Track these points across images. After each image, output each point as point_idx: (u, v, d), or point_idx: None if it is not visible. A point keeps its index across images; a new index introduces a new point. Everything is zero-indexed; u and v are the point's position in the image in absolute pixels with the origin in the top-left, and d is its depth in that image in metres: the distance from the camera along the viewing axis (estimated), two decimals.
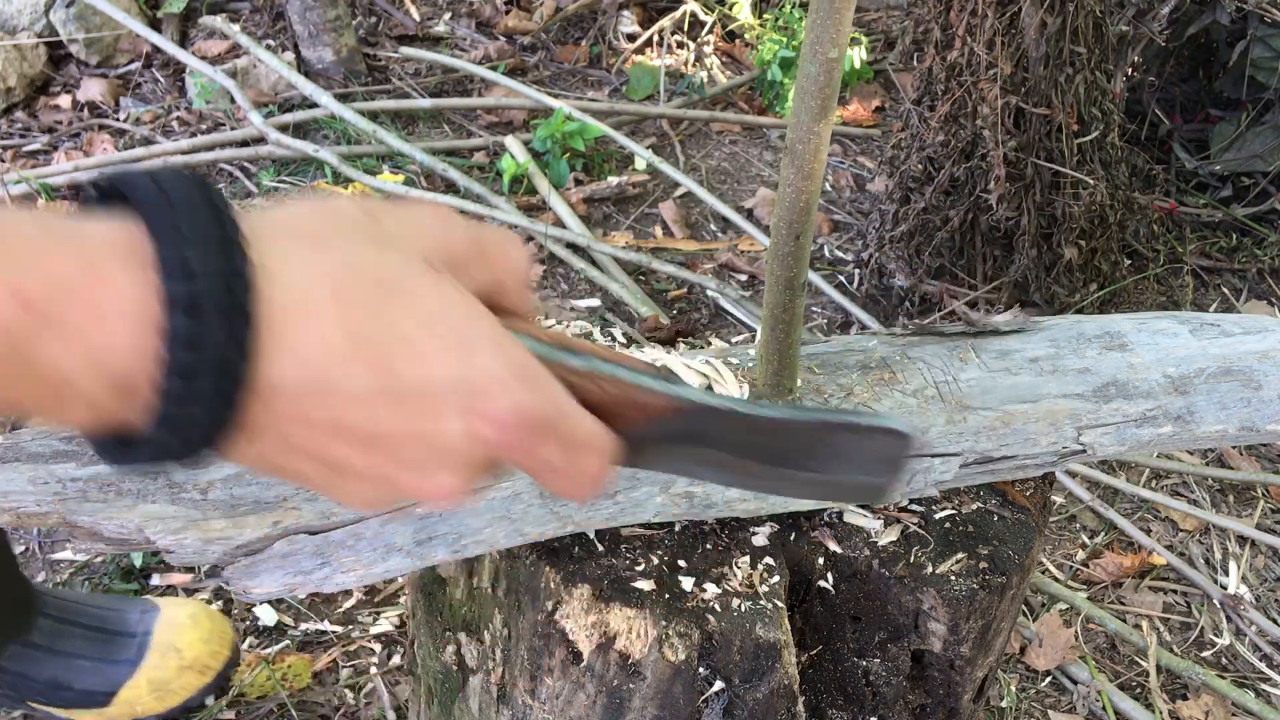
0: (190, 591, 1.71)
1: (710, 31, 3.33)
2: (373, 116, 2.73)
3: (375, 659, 1.63)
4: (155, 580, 1.72)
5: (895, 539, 0.89)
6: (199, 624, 1.50)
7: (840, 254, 2.62)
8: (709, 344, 1.08)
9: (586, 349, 0.58)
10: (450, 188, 2.59)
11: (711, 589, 0.82)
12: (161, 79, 2.91)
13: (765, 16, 3.35)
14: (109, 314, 0.42)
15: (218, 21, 2.94)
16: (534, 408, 0.51)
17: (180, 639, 1.48)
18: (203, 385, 0.43)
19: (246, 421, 0.46)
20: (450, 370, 0.49)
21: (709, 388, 0.93)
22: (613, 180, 2.69)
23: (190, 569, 1.73)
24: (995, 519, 0.92)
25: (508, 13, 3.34)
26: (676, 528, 0.88)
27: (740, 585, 0.83)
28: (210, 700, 1.54)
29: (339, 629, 1.67)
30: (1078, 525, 2.01)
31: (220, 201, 0.45)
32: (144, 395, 0.44)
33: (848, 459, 0.64)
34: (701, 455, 0.62)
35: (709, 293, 2.38)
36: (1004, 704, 1.66)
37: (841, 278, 2.52)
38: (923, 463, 0.91)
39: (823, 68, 0.75)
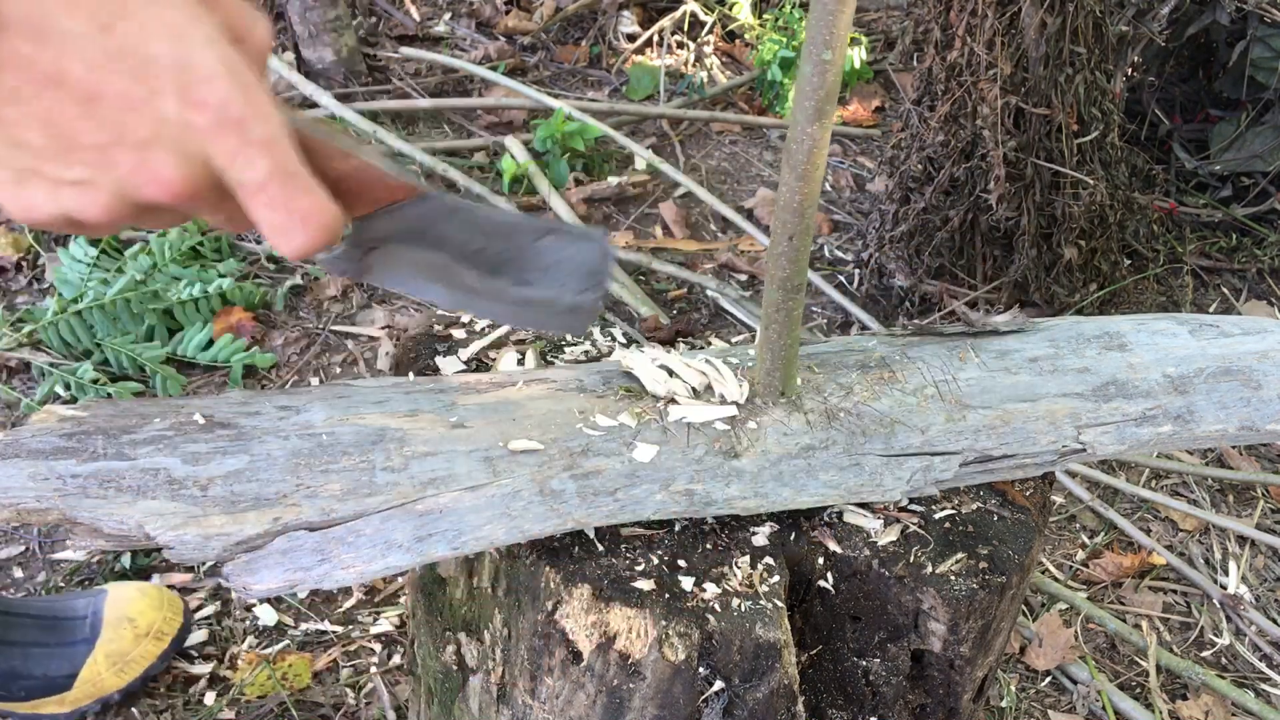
0: (187, 591, 1.71)
1: (710, 31, 3.34)
2: (373, 116, 2.73)
3: (375, 659, 1.63)
4: (155, 580, 1.72)
5: (895, 539, 0.89)
6: (147, 594, 1.53)
7: (840, 254, 2.62)
8: (709, 344, 1.08)
9: (333, 132, 0.60)
10: (450, 187, 2.59)
11: (711, 589, 0.82)
12: None
13: (765, 16, 3.35)
14: None
15: None
16: (245, 109, 0.56)
17: (131, 609, 1.50)
18: None
19: None
20: (170, 49, 0.55)
21: (708, 387, 0.93)
22: (613, 180, 2.69)
23: (190, 568, 1.73)
24: (995, 519, 0.92)
25: (508, 13, 3.34)
26: (676, 527, 0.88)
27: (740, 585, 0.83)
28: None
29: (339, 629, 1.67)
30: (1078, 525, 2.01)
31: None
32: None
33: (557, 271, 0.67)
34: (426, 259, 0.65)
35: (709, 293, 2.38)
36: (1004, 704, 1.66)
37: (841, 278, 2.52)
38: (923, 461, 0.91)
39: (817, 69, 0.75)
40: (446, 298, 0.69)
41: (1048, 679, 1.73)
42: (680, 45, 3.31)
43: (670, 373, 0.93)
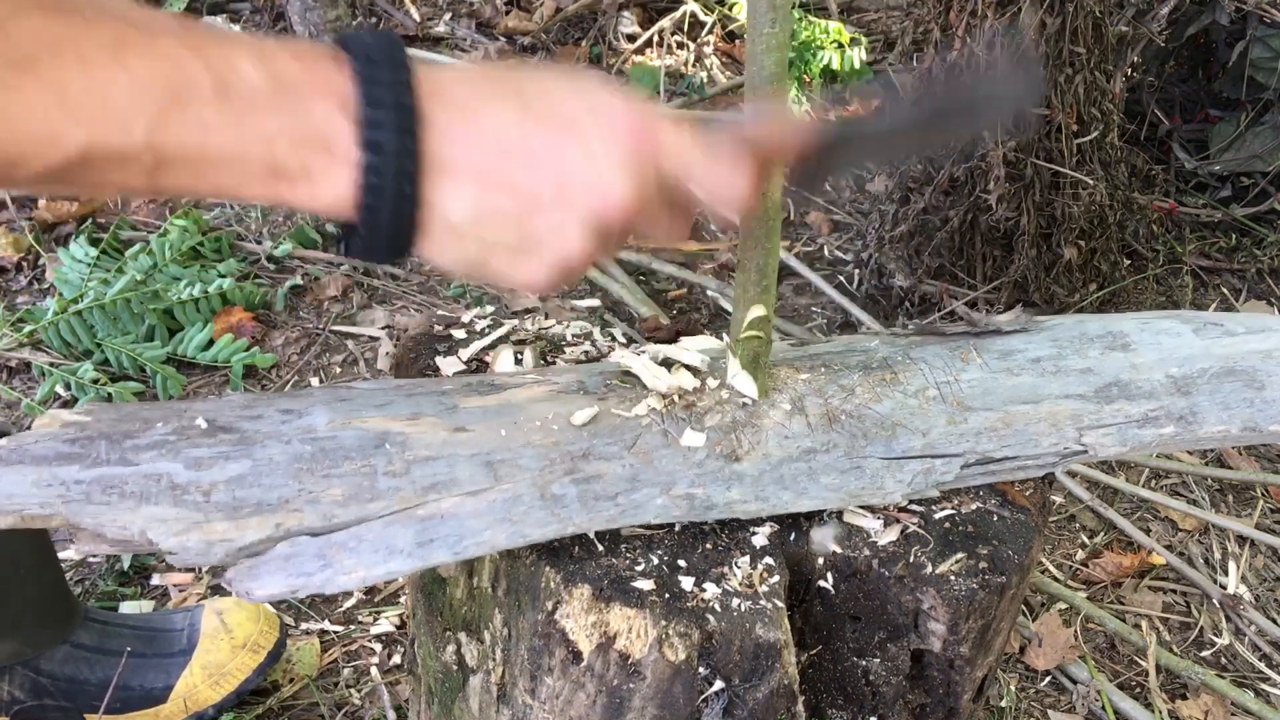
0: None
1: (710, 31, 3.34)
2: None
3: (375, 659, 1.63)
4: (155, 580, 1.72)
5: (895, 539, 0.89)
6: (244, 607, 1.51)
7: (840, 254, 2.62)
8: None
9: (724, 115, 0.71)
10: None
11: (711, 589, 0.82)
12: None
13: None
14: (349, 77, 0.61)
15: (218, 22, 2.94)
16: (648, 113, 0.67)
17: (229, 620, 1.49)
18: (387, 122, 0.61)
19: (434, 160, 0.62)
20: (582, 99, 0.66)
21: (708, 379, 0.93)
22: None
23: (191, 569, 1.73)
24: (995, 519, 0.92)
25: (508, 13, 3.34)
26: (677, 527, 0.88)
27: (740, 585, 0.83)
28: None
29: (339, 629, 1.68)
30: (1077, 525, 2.01)
31: (399, 45, 0.63)
32: (359, 130, 0.61)
33: (990, 102, 0.74)
34: (861, 152, 0.80)
35: (709, 293, 2.38)
36: (1004, 704, 1.66)
37: (841, 278, 2.52)
38: (924, 463, 0.91)
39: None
40: (884, 157, 0.78)
41: (1047, 679, 1.74)
42: (680, 45, 3.31)
43: (669, 368, 0.94)
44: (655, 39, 3.30)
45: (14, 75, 0.53)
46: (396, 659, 1.64)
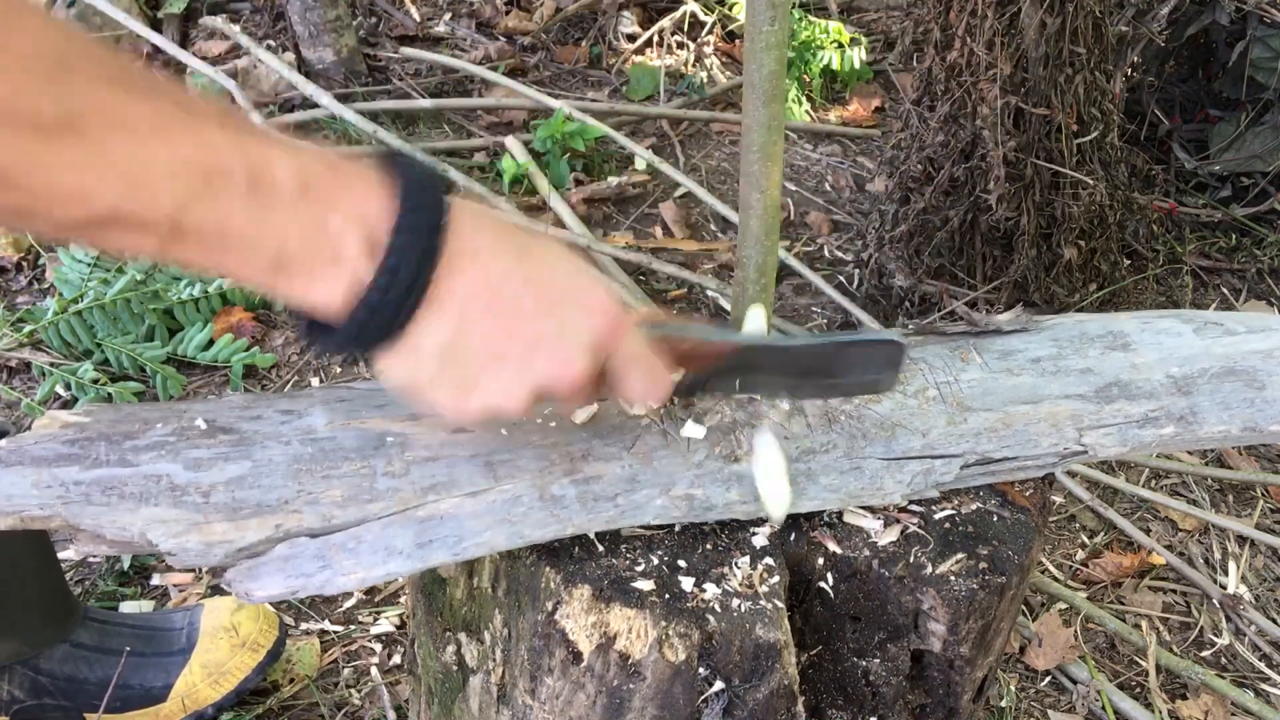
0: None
1: (710, 31, 3.34)
2: (373, 117, 2.73)
3: (375, 659, 1.63)
4: (155, 580, 1.72)
5: (895, 539, 0.89)
6: (244, 606, 1.51)
7: (840, 254, 2.62)
8: None
9: (668, 321, 0.82)
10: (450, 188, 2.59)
11: (711, 589, 0.82)
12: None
13: None
14: (371, 193, 0.66)
15: (218, 22, 2.94)
16: (620, 312, 0.74)
17: (229, 620, 1.49)
18: (411, 254, 0.65)
19: (434, 295, 0.67)
20: (564, 272, 0.73)
21: None
22: (613, 180, 2.69)
23: (190, 569, 1.73)
24: (995, 519, 0.92)
25: (508, 13, 3.34)
26: (676, 528, 0.88)
27: (740, 585, 0.83)
28: None
29: (339, 629, 1.68)
30: (1077, 525, 2.01)
31: (439, 176, 0.70)
32: (378, 251, 0.65)
33: (859, 366, 0.87)
34: (751, 379, 0.87)
35: (709, 293, 2.38)
36: (1004, 704, 1.66)
37: (841, 278, 2.52)
38: (924, 464, 0.91)
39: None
40: (767, 391, 0.92)
41: (1047, 679, 1.74)
42: (680, 45, 3.31)
43: None
44: (655, 39, 3.29)
45: (63, 133, 0.56)
46: (396, 659, 1.64)
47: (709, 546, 0.87)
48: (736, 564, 0.85)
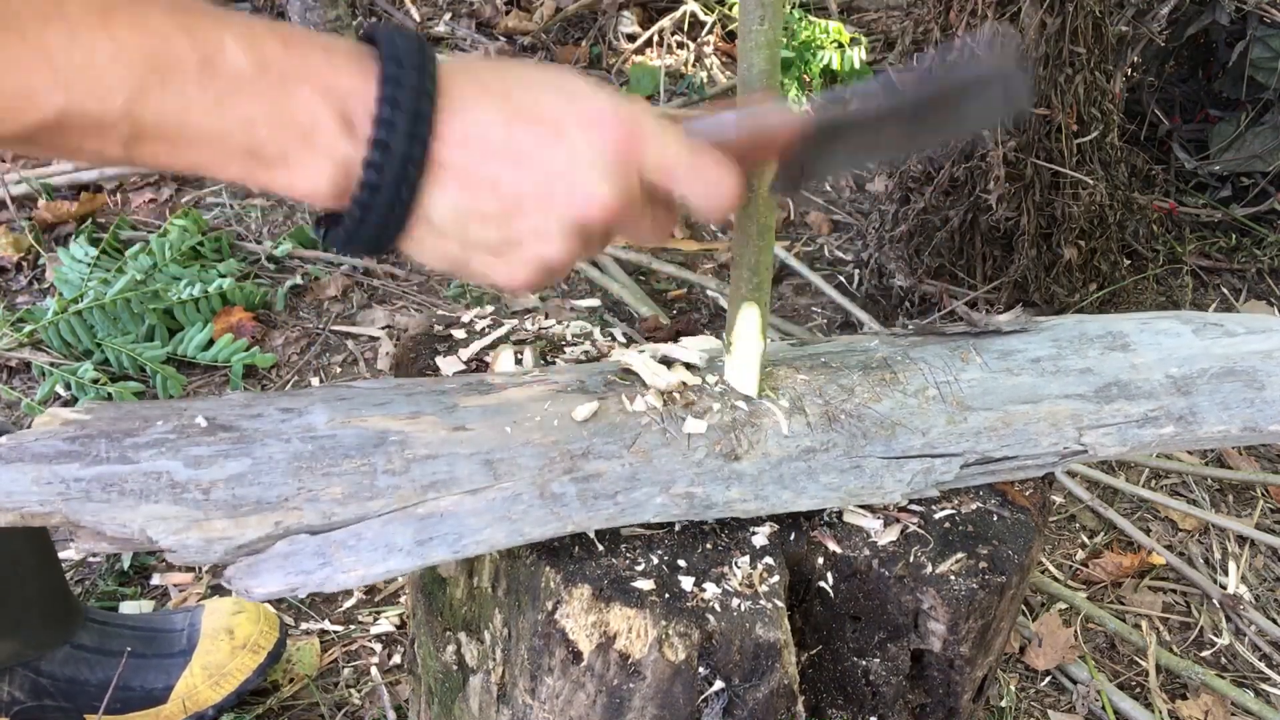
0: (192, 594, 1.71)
1: (710, 31, 3.34)
2: None
3: (375, 659, 1.63)
4: (155, 580, 1.72)
5: (895, 539, 0.89)
6: (244, 608, 1.51)
7: (840, 254, 2.62)
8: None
9: (707, 114, 0.73)
10: None
11: (711, 589, 0.82)
12: None
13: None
14: (342, 68, 0.61)
15: None
16: (632, 114, 0.67)
17: (229, 622, 1.49)
18: (400, 125, 0.61)
19: (431, 163, 0.63)
20: (567, 100, 0.66)
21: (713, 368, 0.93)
22: None
23: (191, 568, 1.73)
24: (995, 519, 0.92)
25: (508, 13, 3.34)
26: (676, 527, 0.88)
27: (740, 585, 0.83)
28: None
29: (339, 628, 1.68)
30: (1077, 525, 2.01)
31: (423, 45, 0.65)
32: (361, 132, 0.61)
33: (974, 104, 0.74)
34: (852, 146, 0.76)
35: (709, 293, 2.38)
36: (1003, 704, 1.66)
37: (841, 278, 2.52)
38: (924, 463, 0.91)
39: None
40: (873, 156, 0.78)
41: (1047, 679, 1.74)
42: (680, 45, 3.31)
43: (669, 366, 0.94)
44: (655, 39, 3.30)
45: None
46: (396, 659, 1.64)
47: (709, 546, 0.87)
48: (736, 563, 0.85)
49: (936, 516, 0.92)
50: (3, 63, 0.54)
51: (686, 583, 0.82)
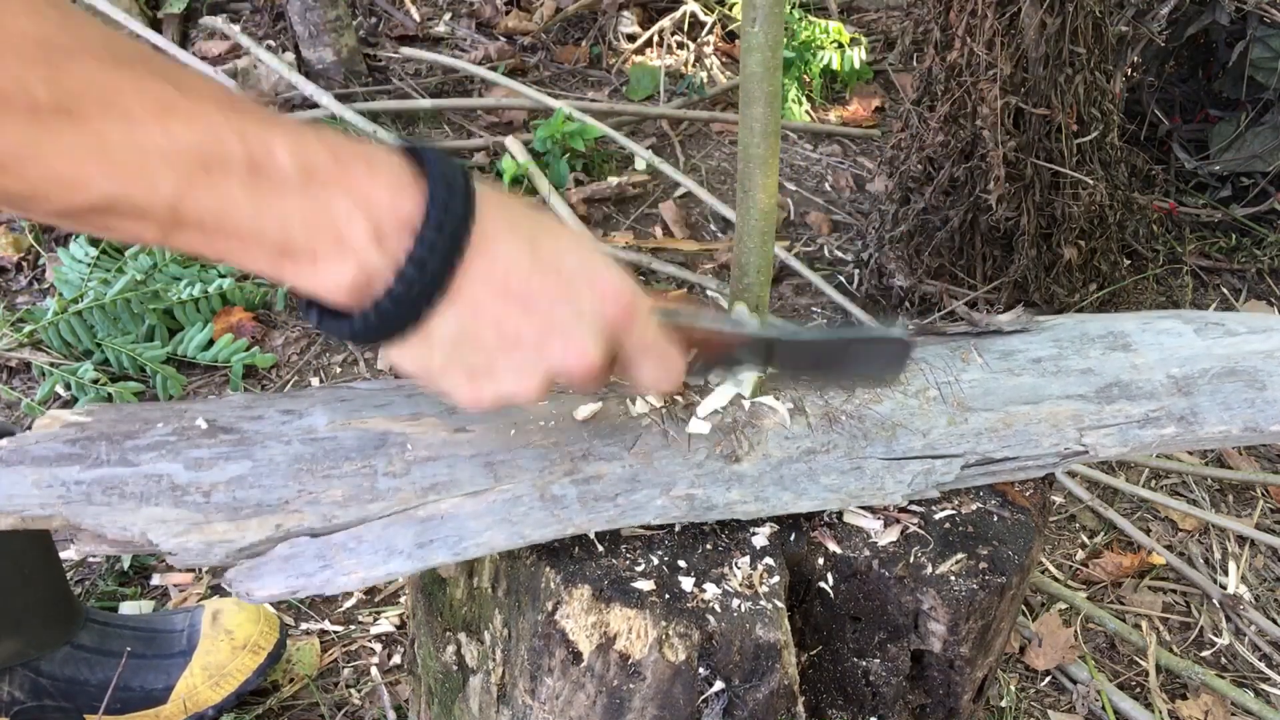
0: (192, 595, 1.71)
1: (710, 31, 3.34)
2: (373, 117, 2.73)
3: (375, 659, 1.63)
4: (156, 580, 1.72)
5: (895, 539, 0.89)
6: (245, 608, 1.51)
7: (840, 254, 2.62)
8: None
9: (680, 308, 0.81)
10: None
11: (711, 589, 0.82)
12: None
13: None
14: (383, 184, 0.64)
15: (218, 22, 2.94)
16: (634, 296, 0.74)
17: (229, 621, 1.49)
18: (440, 248, 0.65)
19: (453, 287, 0.66)
20: (577, 256, 0.72)
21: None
22: (613, 180, 2.69)
23: (191, 569, 1.73)
24: (995, 519, 0.92)
25: (508, 13, 3.34)
26: (676, 528, 0.88)
27: (740, 585, 0.83)
28: None
29: (339, 629, 1.68)
30: (1077, 525, 2.01)
31: (466, 173, 0.68)
32: (392, 244, 0.64)
33: (865, 359, 0.89)
34: (758, 368, 0.89)
35: (709, 293, 2.38)
36: (1004, 704, 1.66)
37: (841, 278, 2.52)
38: (924, 464, 0.91)
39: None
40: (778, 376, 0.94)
41: (1047, 679, 1.74)
42: (680, 45, 3.31)
43: None
44: (655, 39, 3.29)
45: (58, 118, 0.55)
46: (396, 659, 1.64)
47: (709, 546, 0.87)
48: (736, 564, 0.85)
49: (936, 517, 0.92)
50: (59, 148, 0.55)
51: (686, 583, 0.82)
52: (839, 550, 0.89)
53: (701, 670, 0.80)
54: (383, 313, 0.65)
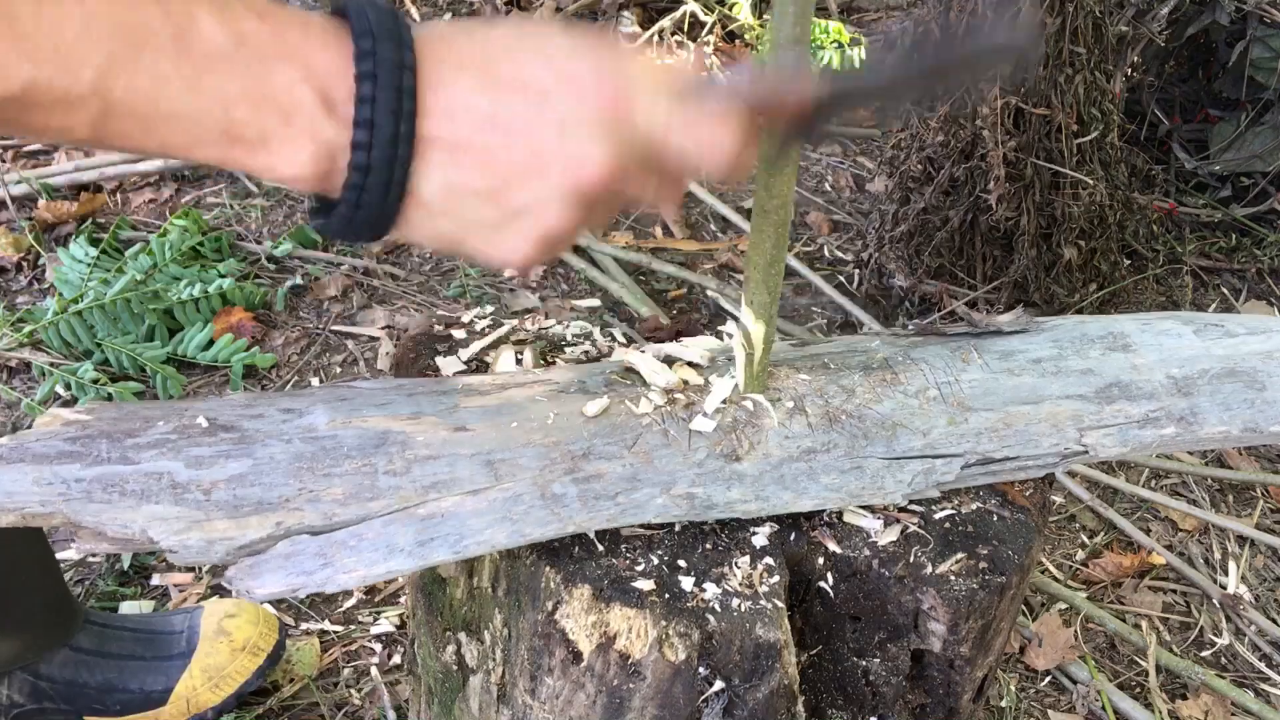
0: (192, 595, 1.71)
1: (710, 31, 3.34)
2: None
3: (375, 659, 1.63)
4: (155, 580, 1.72)
5: (895, 539, 0.89)
6: (244, 609, 1.51)
7: (840, 254, 2.62)
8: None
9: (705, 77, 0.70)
10: None
11: (711, 589, 0.82)
12: None
13: (765, 16, 3.35)
14: (320, 45, 0.59)
15: None
16: (617, 76, 0.65)
17: (228, 624, 1.49)
18: (383, 102, 0.59)
19: (418, 140, 0.60)
20: (551, 68, 0.63)
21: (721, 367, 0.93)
22: None
23: (191, 568, 1.73)
24: (995, 519, 0.92)
25: (508, 13, 3.34)
26: (676, 528, 0.88)
27: (740, 585, 0.83)
28: None
29: (339, 629, 1.68)
30: (1077, 525, 2.01)
31: (398, 16, 0.62)
32: (343, 112, 0.59)
33: (982, 64, 0.77)
34: (859, 107, 0.75)
35: (709, 293, 2.38)
36: (1004, 704, 1.66)
37: (841, 278, 2.52)
38: (924, 464, 0.91)
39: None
40: (892, 108, 0.81)
41: (1047, 679, 1.74)
42: (680, 45, 3.31)
43: (670, 365, 0.94)
44: (655, 39, 3.30)
45: None
46: (396, 659, 1.64)
47: (709, 546, 0.87)
48: (736, 564, 0.85)
49: (936, 517, 0.92)
50: None
51: (686, 583, 0.82)
52: (839, 550, 0.89)
53: (701, 670, 0.80)
54: (356, 188, 0.61)
